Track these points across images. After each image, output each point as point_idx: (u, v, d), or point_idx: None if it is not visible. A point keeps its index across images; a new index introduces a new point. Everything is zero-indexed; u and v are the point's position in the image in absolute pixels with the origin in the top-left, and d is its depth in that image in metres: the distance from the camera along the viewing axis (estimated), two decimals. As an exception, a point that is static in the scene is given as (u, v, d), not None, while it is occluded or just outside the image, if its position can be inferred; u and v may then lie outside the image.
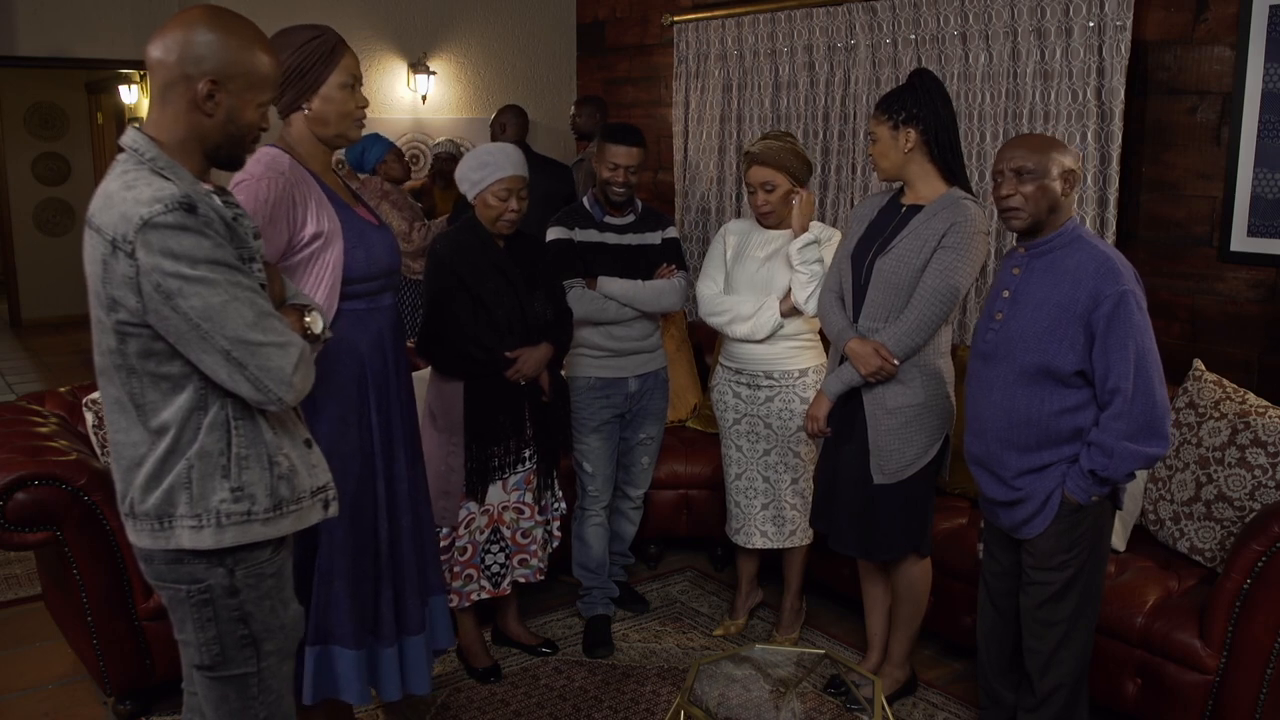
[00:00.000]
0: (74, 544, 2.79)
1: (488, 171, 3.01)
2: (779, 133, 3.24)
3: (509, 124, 5.14)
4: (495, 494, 3.13)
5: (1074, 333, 2.32)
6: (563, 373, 3.29)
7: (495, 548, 3.18)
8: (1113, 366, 2.29)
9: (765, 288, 3.22)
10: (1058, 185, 2.36)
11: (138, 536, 1.81)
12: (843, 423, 2.92)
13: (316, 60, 2.27)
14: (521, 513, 3.20)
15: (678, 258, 3.52)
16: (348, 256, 2.28)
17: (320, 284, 2.27)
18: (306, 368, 1.80)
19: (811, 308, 3.10)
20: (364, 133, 2.54)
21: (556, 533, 3.30)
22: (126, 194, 1.67)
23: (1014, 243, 2.45)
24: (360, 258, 2.31)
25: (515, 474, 3.14)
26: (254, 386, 1.73)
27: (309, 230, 2.24)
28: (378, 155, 4.86)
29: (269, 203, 2.18)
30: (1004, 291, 2.48)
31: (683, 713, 2.45)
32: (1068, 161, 2.38)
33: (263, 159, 2.26)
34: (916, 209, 2.81)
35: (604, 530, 3.57)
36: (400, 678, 2.53)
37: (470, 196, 3.07)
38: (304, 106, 2.31)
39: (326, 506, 1.94)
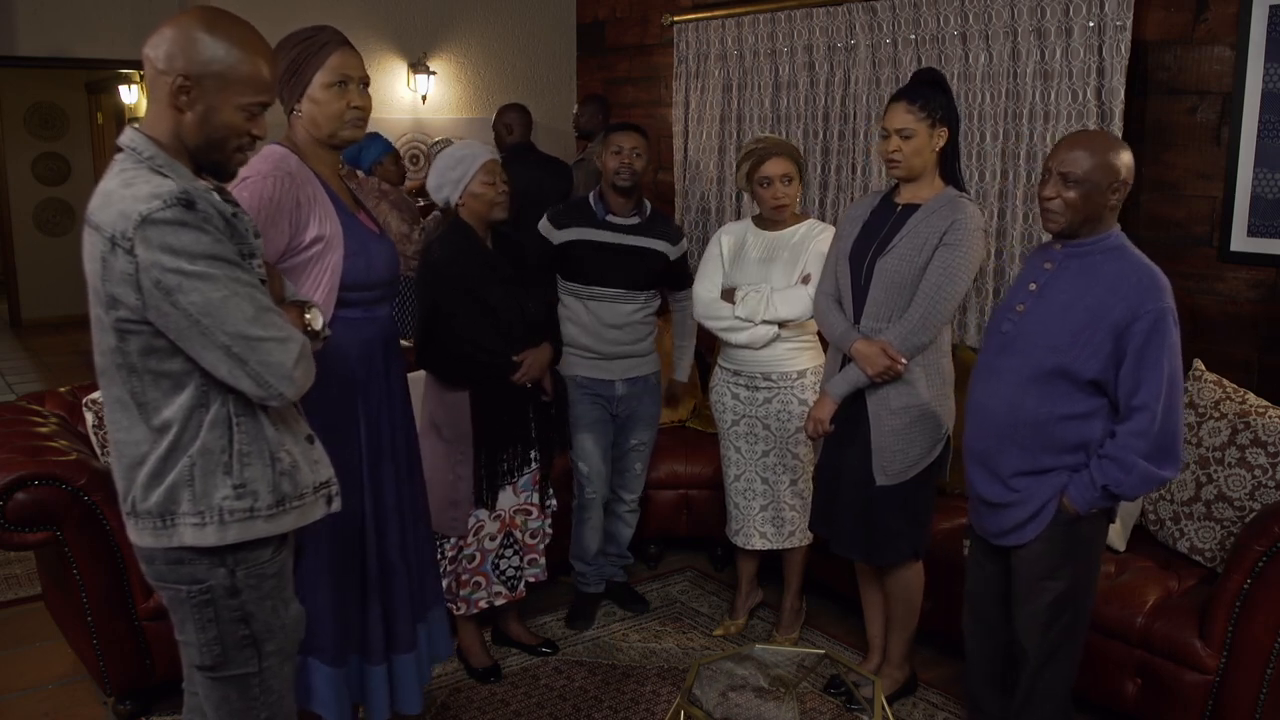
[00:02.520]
0: (74, 544, 2.79)
1: (466, 165, 2.99)
2: (770, 135, 3.28)
3: (514, 124, 5.11)
4: (507, 498, 3.13)
5: (1101, 340, 2.25)
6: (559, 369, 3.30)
7: (509, 552, 3.19)
8: (1143, 383, 2.23)
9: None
10: (1105, 197, 2.28)
11: (139, 535, 1.80)
12: (845, 424, 2.90)
13: (303, 61, 2.25)
14: (530, 513, 3.21)
15: (685, 272, 3.52)
16: (347, 263, 2.26)
17: (318, 288, 2.24)
18: (307, 363, 1.80)
19: (792, 312, 3.11)
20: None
21: (548, 529, 3.31)
22: (125, 191, 1.67)
23: (1017, 243, 2.45)
24: (360, 265, 2.29)
25: (523, 476, 3.15)
26: (255, 382, 1.73)
27: (311, 233, 2.22)
28: (374, 155, 4.83)
29: (273, 201, 2.16)
30: (1030, 284, 2.41)
31: (683, 713, 2.45)
32: (1123, 171, 2.28)
33: (270, 156, 2.24)
34: (913, 208, 2.81)
35: (600, 530, 3.60)
36: (389, 696, 2.49)
37: (456, 197, 3.02)
38: (295, 109, 2.29)
39: (329, 502, 1.94)
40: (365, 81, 2.33)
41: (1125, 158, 2.29)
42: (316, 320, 1.95)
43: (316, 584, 2.34)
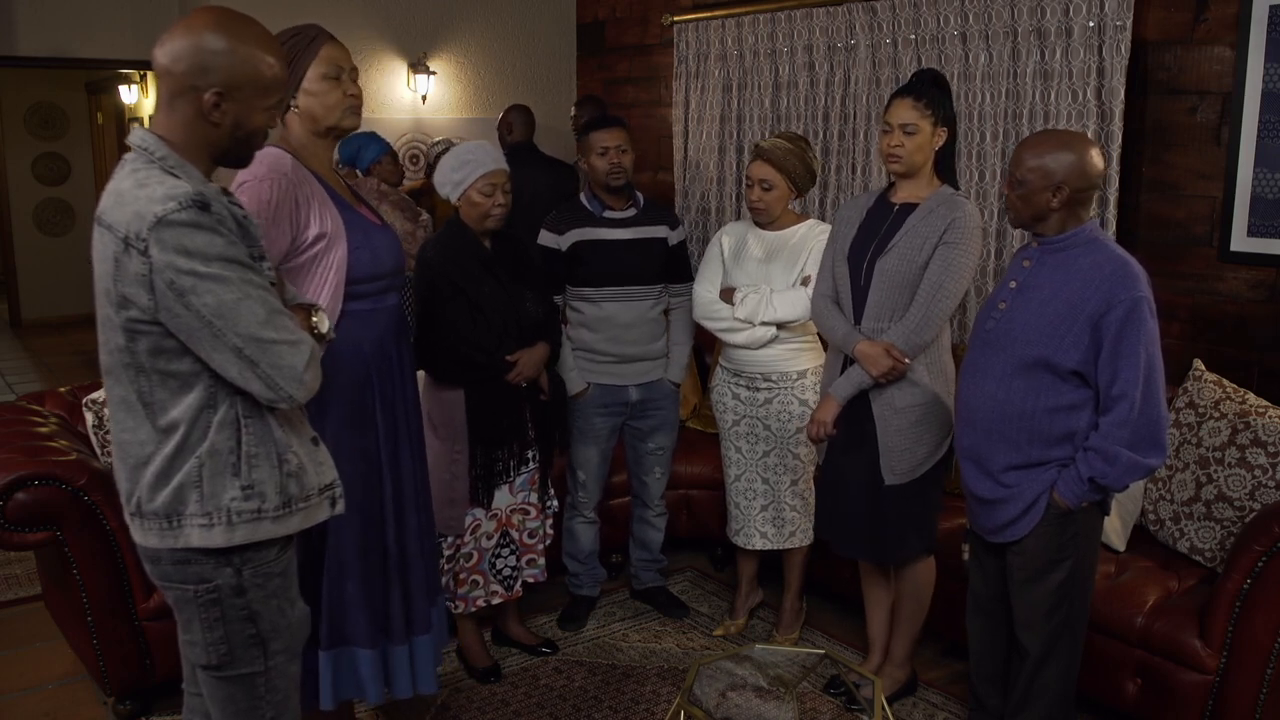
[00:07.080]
0: (74, 544, 2.79)
1: (469, 170, 2.99)
2: (794, 135, 3.24)
3: (516, 124, 5.12)
4: (503, 497, 3.13)
5: (1079, 331, 2.29)
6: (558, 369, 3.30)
7: (506, 551, 3.18)
8: (1120, 372, 2.25)
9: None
10: (1043, 198, 2.33)
11: (144, 536, 1.80)
12: (848, 427, 2.89)
13: (295, 56, 2.27)
14: (528, 513, 3.21)
15: (684, 262, 3.51)
16: (352, 257, 2.27)
17: (324, 285, 2.26)
18: (316, 365, 1.81)
19: (791, 313, 3.10)
20: (362, 130, 2.51)
21: (550, 530, 3.31)
22: (139, 192, 1.67)
23: (1017, 242, 2.47)
24: (365, 258, 2.30)
25: (520, 475, 3.15)
26: (265, 384, 1.73)
27: (312, 231, 2.23)
28: (373, 155, 4.83)
29: (272, 204, 2.17)
30: (1011, 282, 2.47)
31: (683, 713, 2.45)
32: (1060, 174, 2.29)
33: (265, 159, 2.24)
34: (910, 207, 2.81)
35: (593, 527, 3.61)
36: (411, 677, 2.54)
37: (454, 198, 3.03)
38: (292, 105, 2.30)
39: (334, 504, 1.95)
40: (355, 72, 2.37)
41: (1066, 160, 2.29)
42: (323, 323, 1.97)
43: (344, 572, 2.38)
